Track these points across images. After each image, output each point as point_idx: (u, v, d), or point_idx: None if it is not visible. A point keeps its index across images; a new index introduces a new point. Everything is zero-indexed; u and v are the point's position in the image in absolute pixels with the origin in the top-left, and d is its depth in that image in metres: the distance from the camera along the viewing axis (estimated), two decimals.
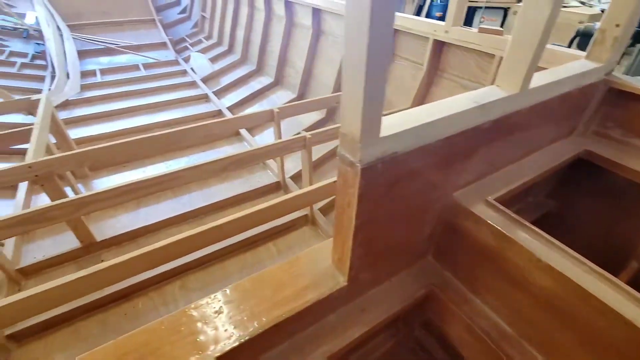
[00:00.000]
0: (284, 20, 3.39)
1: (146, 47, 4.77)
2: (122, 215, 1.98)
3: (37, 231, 1.81)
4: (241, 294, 0.85)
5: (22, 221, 1.11)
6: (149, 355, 0.71)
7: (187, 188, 2.23)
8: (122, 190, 1.26)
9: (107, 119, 3.04)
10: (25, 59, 4.05)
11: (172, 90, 3.69)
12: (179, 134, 1.77)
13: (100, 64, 4.28)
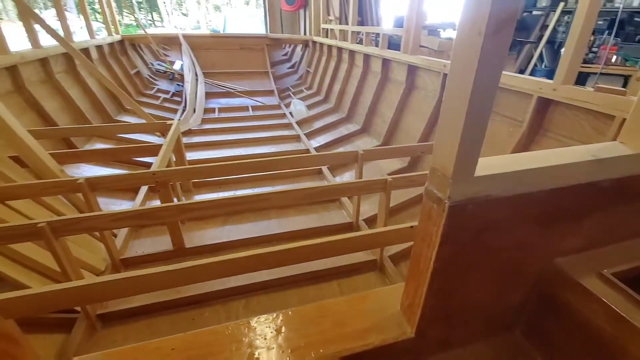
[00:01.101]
0: (379, 76, 3.57)
1: (257, 93, 5.47)
2: (210, 229, 2.16)
3: (143, 231, 2.09)
4: (302, 319, 0.81)
5: (137, 215, 1.29)
6: (210, 356, 0.71)
7: (267, 214, 2.35)
8: (216, 202, 1.38)
9: (217, 147, 3.49)
10: (167, 95, 4.98)
11: (271, 129, 4.09)
12: (270, 162, 1.92)
13: (219, 104, 5.03)
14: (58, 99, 3.00)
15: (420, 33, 2.94)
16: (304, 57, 6.08)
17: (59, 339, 1.39)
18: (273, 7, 7.33)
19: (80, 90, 3.39)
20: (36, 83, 2.77)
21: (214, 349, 0.74)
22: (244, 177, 2.72)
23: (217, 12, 26.50)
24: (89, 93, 3.47)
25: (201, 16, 26.36)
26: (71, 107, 3.10)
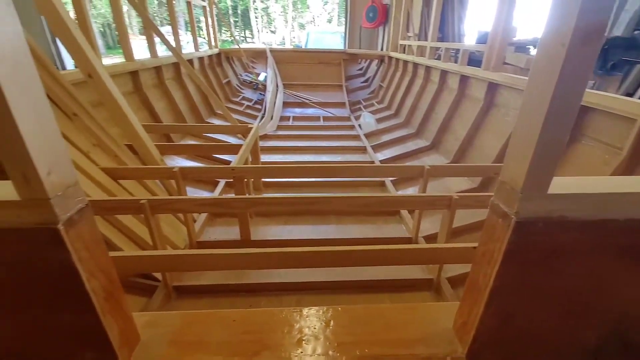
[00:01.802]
0: (455, 92, 3.42)
1: (329, 104, 5.65)
2: (273, 226, 2.29)
3: (217, 220, 2.30)
4: (350, 318, 0.83)
5: (216, 203, 1.45)
6: (264, 333, 0.77)
7: (326, 219, 2.40)
8: (282, 200, 1.47)
9: (288, 152, 3.70)
10: (250, 103, 5.44)
11: (339, 139, 4.19)
12: (334, 168, 1.97)
13: (294, 113, 5.32)
14: (165, 101, 3.50)
15: (504, 49, 2.75)
16: (379, 72, 6.11)
17: (142, 301, 1.61)
18: (354, 24, 7.55)
19: (182, 94, 3.90)
20: (150, 86, 3.29)
21: (268, 327, 0.79)
22: (309, 181, 2.83)
23: (302, 29, 28.10)
24: (188, 97, 3.98)
25: (287, 33, 28.21)
26: (174, 108, 3.59)
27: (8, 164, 0.47)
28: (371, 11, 6.86)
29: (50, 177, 0.50)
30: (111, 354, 0.67)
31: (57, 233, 0.52)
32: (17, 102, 0.44)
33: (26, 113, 0.46)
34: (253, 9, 27.10)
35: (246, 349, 0.74)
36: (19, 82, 0.45)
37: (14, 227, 0.52)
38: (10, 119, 0.44)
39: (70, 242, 0.54)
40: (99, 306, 0.62)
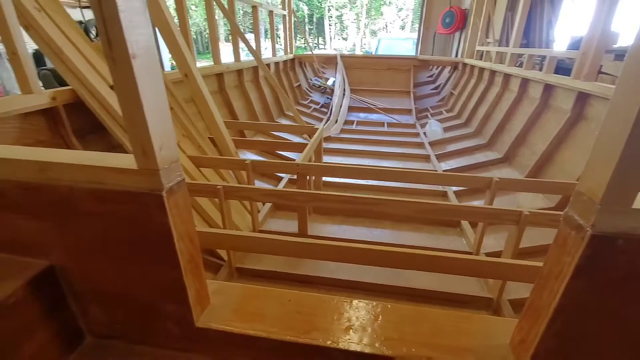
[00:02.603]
0: (536, 102, 3.12)
1: (394, 111, 5.56)
2: (329, 224, 2.35)
3: (278, 212, 2.44)
4: (399, 316, 0.83)
5: (280, 194, 1.55)
6: (315, 316, 0.82)
7: (382, 224, 2.38)
8: (341, 198, 1.52)
9: (349, 155, 3.75)
10: (317, 106, 5.62)
11: (402, 146, 4.10)
12: (395, 172, 1.96)
13: (358, 117, 5.35)
14: (242, 101, 3.82)
15: (600, 57, 2.43)
16: (451, 79, 5.83)
17: (208, 276, 1.80)
18: (428, 30, 7.31)
19: (257, 95, 4.21)
20: (232, 87, 3.62)
21: (319, 311, 0.84)
22: (368, 185, 2.83)
23: (373, 36, 28.00)
24: (262, 98, 4.27)
25: (358, 40, 28.35)
26: (249, 107, 3.90)
27: (133, 139, 0.59)
28: (448, 16, 6.58)
29: (161, 153, 0.61)
30: (187, 309, 0.78)
31: (161, 199, 0.63)
32: (145, 90, 0.55)
33: (150, 99, 0.57)
34: (328, 17, 27.84)
35: (298, 326, 0.80)
36: (147, 75, 0.56)
37: (131, 190, 0.64)
38: (140, 104, 0.55)
39: (169, 208, 0.65)
40: (183, 266, 0.72)
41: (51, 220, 0.71)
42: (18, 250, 0.77)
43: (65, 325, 0.83)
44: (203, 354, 0.84)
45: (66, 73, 1.46)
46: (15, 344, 0.72)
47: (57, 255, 0.77)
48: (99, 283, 0.79)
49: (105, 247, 0.73)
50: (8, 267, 0.75)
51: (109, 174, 0.65)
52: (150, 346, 0.86)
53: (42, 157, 0.67)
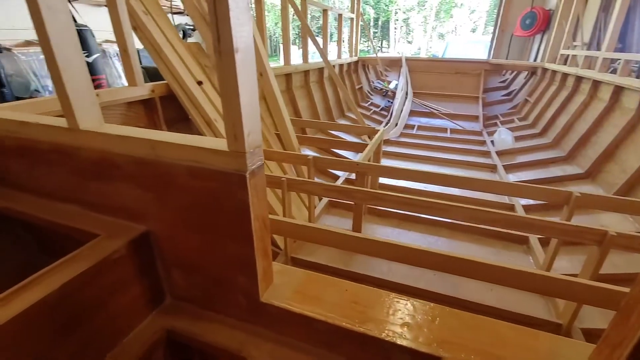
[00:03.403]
0: (631, 113, 2.72)
1: (459, 117, 5.27)
2: (383, 226, 2.33)
3: (333, 210, 2.48)
4: (457, 321, 0.81)
5: (340, 190, 1.59)
6: (371, 309, 0.83)
7: (437, 230, 2.29)
8: (399, 199, 1.50)
9: (408, 159, 3.66)
10: (377, 109, 5.57)
11: (466, 154, 3.88)
12: (456, 178, 1.86)
13: (419, 122, 5.18)
14: (307, 100, 3.96)
15: None
16: (527, 85, 5.35)
17: None
18: (504, 32, 6.80)
19: (321, 96, 4.32)
20: (298, 87, 3.77)
21: (375, 305, 0.85)
22: (426, 190, 2.74)
23: (440, 39, 26.81)
24: (325, 99, 4.38)
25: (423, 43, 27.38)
26: (312, 106, 4.02)
27: (228, 123, 0.66)
28: (529, 18, 6.04)
29: (249, 138, 0.68)
30: (254, 284, 0.85)
31: (244, 179, 0.70)
32: (242, 82, 0.62)
33: (246, 90, 0.64)
34: (394, 20, 27.34)
35: (354, 316, 0.82)
36: (245, 68, 0.63)
37: (220, 169, 0.72)
38: (237, 93, 0.62)
39: (250, 188, 0.72)
40: (256, 244, 0.79)
41: (153, 192, 0.83)
42: (124, 215, 0.91)
43: (152, 285, 0.95)
44: (263, 327, 0.90)
45: (163, 69, 1.67)
46: (114, 293, 0.85)
47: (152, 223, 0.89)
48: (182, 250, 0.90)
49: (192, 218, 0.83)
50: (116, 228, 0.89)
51: (203, 154, 0.73)
52: (217, 313, 0.95)
53: (153, 137, 0.78)
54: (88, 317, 0.78)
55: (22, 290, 0.68)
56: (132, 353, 0.84)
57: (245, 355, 0.85)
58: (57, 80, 0.77)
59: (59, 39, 0.75)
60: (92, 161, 0.85)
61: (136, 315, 0.91)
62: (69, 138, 0.85)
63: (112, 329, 0.84)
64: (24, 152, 0.94)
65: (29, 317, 0.64)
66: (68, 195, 0.95)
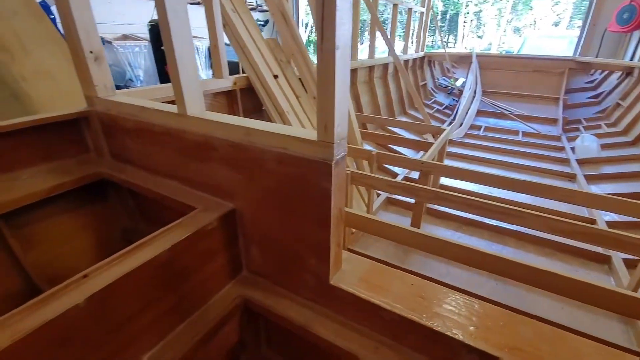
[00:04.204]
0: None
1: (534, 119, 4.80)
2: (442, 228, 2.25)
3: (390, 207, 2.46)
4: (533, 332, 0.77)
5: (403, 187, 1.58)
6: (436, 305, 0.83)
7: (503, 239, 2.15)
8: (467, 201, 1.44)
9: (471, 161, 3.46)
10: (440, 107, 5.31)
11: (539, 160, 3.55)
12: (529, 184, 1.71)
13: (487, 123, 4.83)
14: (369, 95, 3.94)
15: None
16: (620, 86, 4.67)
17: None
18: (595, 27, 5.99)
19: (383, 92, 4.27)
20: (362, 82, 3.77)
21: (443, 303, 0.85)
22: (492, 196, 2.57)
23: (516, 34, 24.43)
24: (388, 95, 4.31)
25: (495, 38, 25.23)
26: (374, 102, 3.99)
27: (320, 115, 0.71)
28: (627, 11, 5.23)
29: (337, 129, 0.72)
30: (325, 267, 0.90)
31: (329, 168, 0.75)
32: (339, 77, 0.66)
33: (340, 85, 0.68)
34: (464, 13, 25.57)
35: (421, 310, 0.83)
36: (342, 65, 0.67)
37: (307, 157, 0.78)
38: (333, 87, 0.66)
39: (333, 177, 0.76)
40: (332, 229, 0.84)
41: (243, 173, 0.92)
42: (216, 193, 1.03)
43: (233, 257, 1.06)
44: (329, 308, 0.96)
45: (245, 62, 1.81)
46: (205, 260, 0.97)
47: (239, 201, 0.99)
48: (262, 229, 0.99)
49: (275, 200, 0.90)
50: (209, 203, 1.01)
51: (292, 142, 0.80)
52: (287, 289, 1.03)
53: (248, 125, 0.87)
54: (185, 277, 0.90)
55: (140, 248, 0.81)
56: (216, 313, 0.96)
57: (312, 330, 0.91)
58: (174, 71, 0.89)
59: (178, 36, 0.86)
60: (194, 143, 0.97)
61: (219, 281, 1.02)
62: (178, 122, 0.98)
63: (201, 290, 0.96)
64: (140, 133, 1.10)
65: (146, 269, 0.77)
66: (171, 172, 1.09)
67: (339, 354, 0.87)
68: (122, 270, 0.73)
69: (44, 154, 1.17)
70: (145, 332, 0.81)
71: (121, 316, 0.74)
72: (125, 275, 0.72)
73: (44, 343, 0.61)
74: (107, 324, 0.72)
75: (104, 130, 1.23)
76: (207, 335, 0.91)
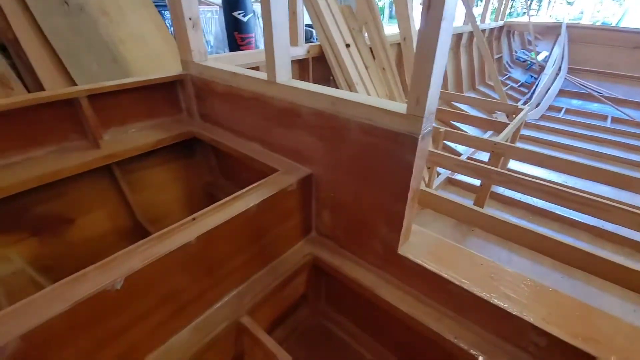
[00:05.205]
0: None
1: (628, 103, 4.15)
2: (507, 214, 2.14)
3: (450, 188, 2.38)
4: (615, 328, 0.74)
5: (470, 167, 1.52)
6: (506, 288, 0.83)
7: (575, 232, 1.98)
8: (540, 185, 1.35)
9: (546, 146, 3.15)
10: (515, 84, 4.80)
11: (630, 150, 3.11)
12: (619, 177, 1.53)
13: (569, 105, 4.29)
14: None
15: None
16: None
17: None
18: None
19: (454, 65, 3.97)
20: None
21: (513, 286, 0.84)
22: (567, 185, 2.35)
23: (616, 2, 20.60)
24: (458, 69, 4.00)
25: (589, 6, 21.52)
26: (444, 77, 3.75)
27: (414, 87, 0.71)
28: None
29: (428, 104, 0.72)
30: (396, 236, 0.93)
31: (415, 141, 0.76)
32: (439, 49, 0.65)
33: (440, 57, 0.66)
34: None
35: (490, 289, 0.83)
36: (445, 36, 0.65)
37: (393, 129, 0.79)
38: (432, 59, 0.65)
39: (418, 150, 0.77)
40: (408, 201, 0.86)
41: (325, 141, 0.97)
42: (295, 157, 1.09)
43: (305, 218, 1.14)
44: (394, 276, 1.00)
45: (319, 30, 1.80)
46: (283, 217, 1.05)
47: (317, 167, 1.05)
48: (336, 194, 1.04)
49: (354, 168, 0.94)
50: (289, 167, 1.08)
51: (379, 114, 0.81)
52: (353, 254, 1.09)
53: (334, 94, 0.90)
54: (266, 231, 1.00)
55: (235, 200, 0.91)
56: (289, 266, 1.06)
57: (377, 292, 0.97)
58: (269, 39, 0.94)
59: (275, 4, 0.90)
60: (280, 109, 1.04)
61: (293, 239, 1.12)
62: (267, 89, 1.04)
63: (278, 244, 1.07)
64: (229, 97, 1.19)
65: (239, 219, 0.87)
66: (255, 135, 1.18)
67: (401, 317, 0.93)
68: (222, 217, 0.83)
69: (147, 112, 1.33)
70: (233, 273, 0.94)
71: (218, 256, 0.87)
72: (225, 222, 0.83)
73: (164, 269, 0.75)
74: (209, 261, 0.84)
75: (196, 92, 1.35)
76: (282, 282, 1.02)
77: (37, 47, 1.66)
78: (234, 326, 0.90)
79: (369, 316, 1.15)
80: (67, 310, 0.61)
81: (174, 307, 0.80)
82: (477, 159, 2.60)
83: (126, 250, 0.72)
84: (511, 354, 0.80)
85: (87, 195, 1.21)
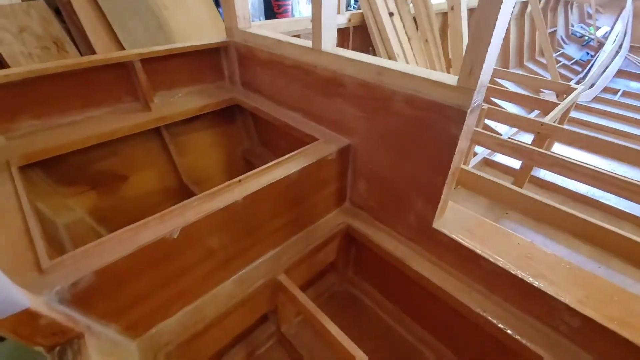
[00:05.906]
0: None
1: None
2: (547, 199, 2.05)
3: (487, 169, 2.30)
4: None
5: (511, 146, 1.46)
6: (544, 269, 0.82)
7: (618, 223, 1.87)
8: (592, 173, 1.28)
9: (597, 130, 2.92)
10: (568, 62, 4.40)
11: None
12: None
13: (628, 87, 3.90)
14: None
15: None
16: None
17: None
18: None
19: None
20: None
21: (550, 266, 0.83)
22: None
23: None
24: (506, 43, 3.71)
25: None
26: None
27: (468, 58, 0.68)
28: None
29: (481, 77, 0.69)
30: (432, 210, 0.94)
31: (463, 115, 0.74)
32: (500, 19, 0.62)
33: (499, 26, 0.63)
34: None
35: (526, 268, 0.83)
36: (507, 6, 0.62)
37: (440, 102, 0.77)
38: (492, 27, 0.62)
39: (464, 125, 0.76)
40: (449, 176, 0.86)
41: (367, 112, 0.97)
42: (335, 128, 1.10)
43: (341, 188, 1.16)
44: (427, 250, 1.02)
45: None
46: (321, 185, 1.08)
47: (356, 138, 1.05)
48: (374, 166, 1.05)
49: (394, 141, 0.94)
50: (329, 136, 1.09)
51: (427, 85, 0.80)
52: (386, 225, 1.11)
53: (380, 64, 0.88)
54: (304, 197, 1.04)
55: (277, 166, 0.94)
56: (323, 232, 1.10)
57: (409, 264, 1.00)
58: (317, 6, 0.92)
59: None
60: (323, 79, 1.04)
61: (328, 207, 1.15)
62: (311, 57, 1.04)
63: (313, 211, 1.11)
64: (272, 64, 1.20)
65: (280, 184, 0.91)
66: (296, 104, 1.20)
67: (430, 288, 0.95)
68: (265, 181, 0.88)
69: (193, 77, 1.38)
70: (272, 234, 1.00)
71: (260, 217, 0.92)
72: (268, 185, 0.87)
73: (214, 224, 0.81)
74: (252, 220, 0.90)
75: (239, 60, 1.37)
76: (316, 248, 1.07)
77: (88, 10, 1.73)
78: (271, 282, 0.97)
79: (397, 286, 1.19)
80: (132, 253, 0.68)
81: (219, 260, 0.87)
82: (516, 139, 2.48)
83: (182, 205, 0.78)
84: (539, 330, 0.81)
85: (139, 154, 1.30)
